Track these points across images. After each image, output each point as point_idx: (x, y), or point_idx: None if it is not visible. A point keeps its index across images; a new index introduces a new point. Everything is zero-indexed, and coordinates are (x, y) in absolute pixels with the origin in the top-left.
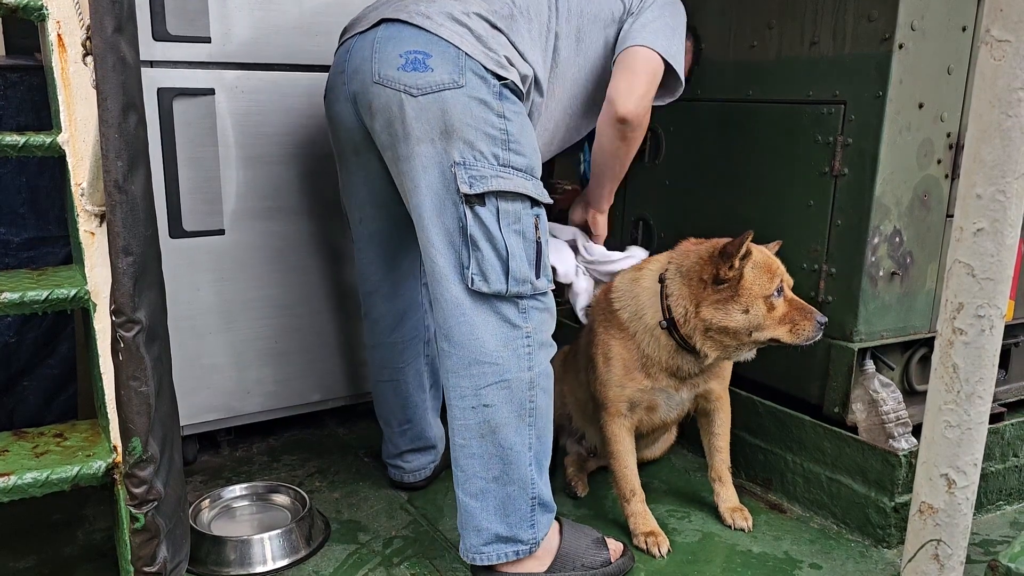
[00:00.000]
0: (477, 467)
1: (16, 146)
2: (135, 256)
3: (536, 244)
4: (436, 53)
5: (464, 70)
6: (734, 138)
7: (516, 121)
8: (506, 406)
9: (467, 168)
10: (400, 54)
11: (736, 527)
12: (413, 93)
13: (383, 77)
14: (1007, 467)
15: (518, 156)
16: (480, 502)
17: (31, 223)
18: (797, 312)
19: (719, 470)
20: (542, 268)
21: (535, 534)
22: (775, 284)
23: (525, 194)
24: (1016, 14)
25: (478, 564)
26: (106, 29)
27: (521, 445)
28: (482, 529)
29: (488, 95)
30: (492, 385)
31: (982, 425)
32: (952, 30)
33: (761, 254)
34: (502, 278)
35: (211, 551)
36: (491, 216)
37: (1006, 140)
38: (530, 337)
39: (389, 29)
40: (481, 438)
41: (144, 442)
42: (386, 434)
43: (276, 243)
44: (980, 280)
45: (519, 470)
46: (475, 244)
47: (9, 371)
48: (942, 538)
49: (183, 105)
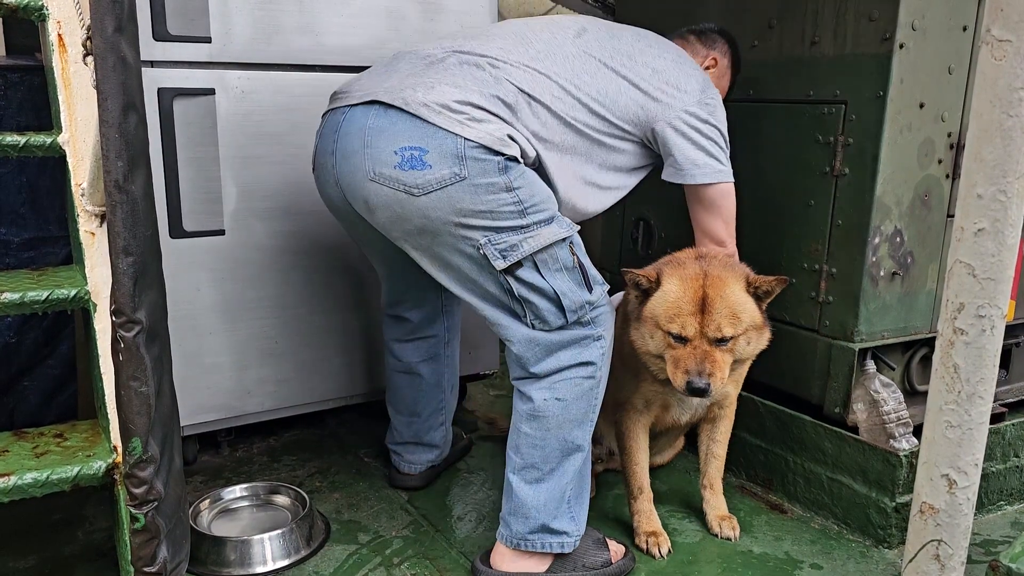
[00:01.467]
0: (537, 457)
1: (17, 146)
2: (135, 256)
3: (579, 268)
4: (432, 147)
5: (464, 160)
6: (735, 138)
7: (525, 186)
8: (577, 403)
9: (495, 245)
10: (395, 151)
11: (723, 536)
12: (415, 193)
13: (378, 175)
14: (1008, 467)
15: (538, 214)
16: (533, 490)
17: (31, 223)
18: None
19: (712, 477)
20: (591, 280)
21: (577, 527)
22: (673, 326)
23: (556, 239)
24: (1017, 14)
25: (522, 549)
26: (106, 29)
27: (583, 439)
28: (531, 518)
29: (493, 175)
30: (569, 380)
31: (983, 425)
32: (953, 30)
33: (674, 290)
34: (559, 316)
35: (211, 551)
36: (532, 272)
37: (1007, 140)
38: (601, 339)
39: (381, 118)
40: (548, 431)
41: (144, 442)
42: (393, 422)
43: (276, 243)
44: (981, 280)
45: (575, 463)
46: (527, 301)
47: (9, 371)
48: (943, 538)
49: (183, 105)
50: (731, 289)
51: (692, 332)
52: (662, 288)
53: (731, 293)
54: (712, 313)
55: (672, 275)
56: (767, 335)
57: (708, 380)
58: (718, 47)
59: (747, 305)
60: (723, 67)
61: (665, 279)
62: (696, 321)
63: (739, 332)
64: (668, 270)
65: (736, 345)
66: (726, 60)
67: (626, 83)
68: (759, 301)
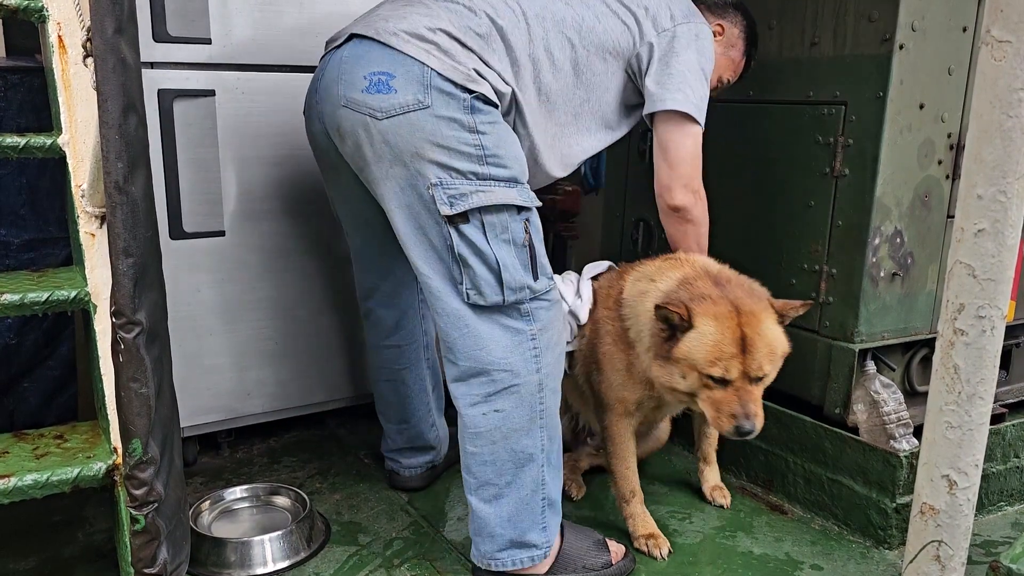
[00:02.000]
0: (490, 473)
1: (17, 147)
2: (135, 257)
3: (529, 248)
4: (400, 73)
5: (429, 88)
6: (735, 139)
7: (492, 133)
8: (517, 410)
9: (445, 188)
10: (364, 76)
11: (716, 503)
12: (378, 116)
13: (349, 100)
14: (1008, 468)
15: (498, 168)
16: (494, 508)
17: (31, 224)
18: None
19: (706, 451)
20: (539, 269)
21: (547, 537)
22: (715, 370)
23: (511, 203)
24: (1016, 15)
25: (494, 570)
26: (107, 30)
27: (533, 447)
28: (496, 536)
29: (458, 111)
30: (502, 391)
31: (983, 426)
32: (953, 31)
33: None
34: (497, 290)
35: (211, 553)
36: (477, 232)
37: (1007, 140)
38: (536, 339)
39: (356, 48)
40: (493, 444)
41: (144, 443)
42: (386, 430)
43: (276, 244)
44: (981, 281)
45: (532, 472)
46: (464, 262)
47: (9, 372)
48: (943, 539)
49: (183, 106)
50: (766, 325)
51: (736, 375)
52: (697, 330)
53: (767, 330)
54: (753, 353)
55: (705, 314)
56: None
57: (755, 421)
58: (728, 17)
59: (780, 338)
60: (732, 37)
61: (699, 320)
62: (739, 363)
63: (777, 366)
64: (699, 308)
65: (770, 376)
66: (737, 31)
67: (605, 8)
68: (784, 327)
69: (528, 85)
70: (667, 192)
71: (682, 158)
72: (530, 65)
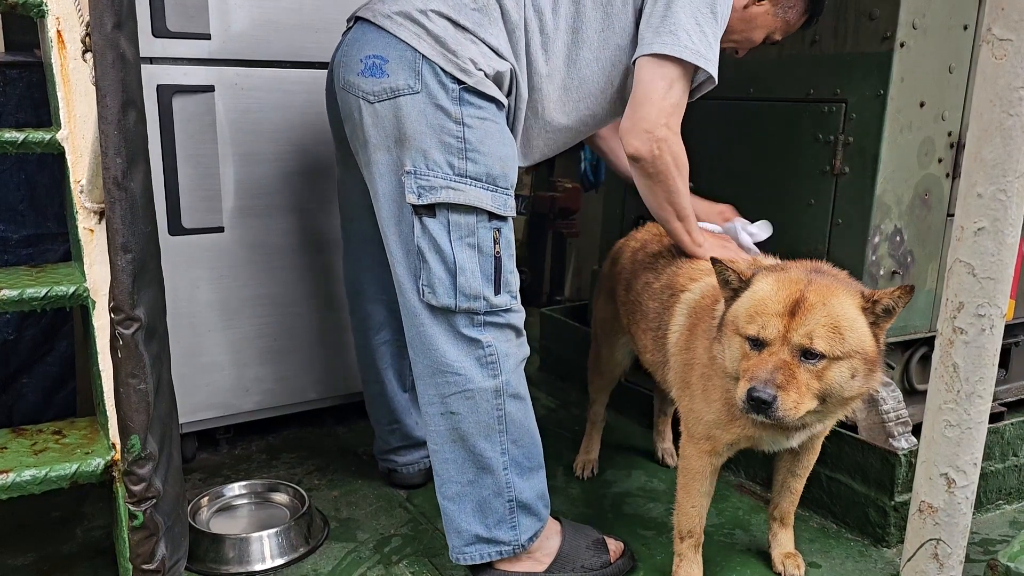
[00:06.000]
0: (452, 471)
1: (15, 143)
2: (134, 253)
3: (495, 259)
4: (393, 57)
5: (420, 74)
6: (735, 137)
7: (478, 128)
8: (472, 415)
9: (417, 177)
10: (361, 59)
11: (787, 575)
12: (370, 100)
13: (347, 83)
14: (1007, 466)
15: (476, 165)
16: (457, 505)
17: (30, 220)
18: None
19: (784, 510)
20: (502, 284)
21: (517, 536)
22: (752, 327)
23: (481, 207)
24: (1017, 13)
25: (463, 564)
26: (105, 26)
27: (492, 451)
28: (462, 531)
29: (446, 100)
30: (456, 394)
31: (982, 424)
32: (953, 29)
33: (764, 288)
34: (450, 292)
35: (210, 549)
36: (441, 229)
37: (1007, 139)
38: (492, 346)
39: (357, 31)
40: (452, 443)
41: (143, 440)
42: (377, 432)
43: (276, 241)
44: (981, 279)
45: (493, 475)
46: (423, 256)
47: (8, 368)
48: (941, 537)
49: (183, 102)
50: (840, 300)
51: (773, 334)
52: (751, 288)
53: (839, 303)
54: (805, 316)
55: (767, 275)
56: (878, 377)
57: (776, 392)
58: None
59: (857, 324)
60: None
61: (756, 279)
62: (781, 322)
63: (839, 352)
64: (766, 271)
65: (831, 370)
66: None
67: None
68: (876, 327)
69: (523, 58)
70: (624, 137)
71: (647, 97)
72: (524, 26)
